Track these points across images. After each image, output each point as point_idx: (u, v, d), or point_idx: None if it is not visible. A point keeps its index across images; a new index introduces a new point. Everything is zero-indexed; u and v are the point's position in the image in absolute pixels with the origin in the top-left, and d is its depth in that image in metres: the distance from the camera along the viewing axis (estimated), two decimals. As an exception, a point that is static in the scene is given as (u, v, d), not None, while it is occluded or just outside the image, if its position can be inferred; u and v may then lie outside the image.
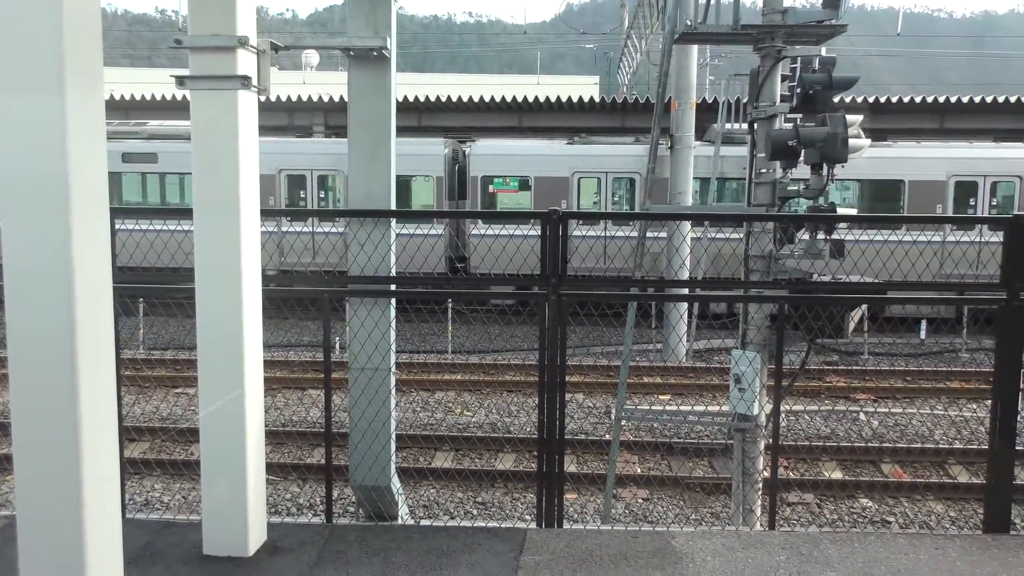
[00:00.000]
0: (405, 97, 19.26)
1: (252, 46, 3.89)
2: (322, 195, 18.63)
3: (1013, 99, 19.48)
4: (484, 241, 16.39)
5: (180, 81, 3.92)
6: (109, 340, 2.96)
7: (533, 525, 4.71)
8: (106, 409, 2.96)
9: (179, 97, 20.31)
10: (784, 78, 6.93)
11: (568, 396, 5.05)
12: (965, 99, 19.58)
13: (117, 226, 4.29)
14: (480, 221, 17.60)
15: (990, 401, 4.65)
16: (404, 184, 18.26)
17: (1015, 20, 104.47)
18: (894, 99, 19.52)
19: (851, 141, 6.62)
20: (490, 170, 18.04)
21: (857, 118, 15.45)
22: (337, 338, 12.86)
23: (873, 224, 14.11)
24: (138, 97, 20.94)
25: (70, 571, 2.87)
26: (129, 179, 18.75)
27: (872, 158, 16.70)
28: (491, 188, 18.12)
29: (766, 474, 6.94)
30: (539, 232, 4.39)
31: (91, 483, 2.87)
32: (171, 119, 19.98)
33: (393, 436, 5.18)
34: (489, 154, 18.14)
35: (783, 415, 9.51)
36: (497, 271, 14.30)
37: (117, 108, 20.70)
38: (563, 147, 18.26)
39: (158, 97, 20.85)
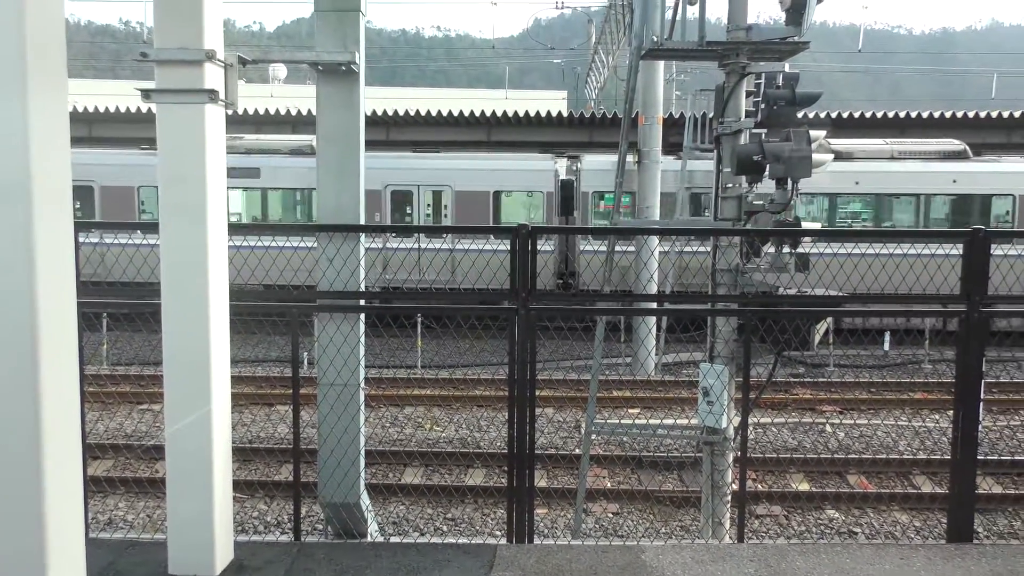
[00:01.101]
0: (374, 111, 19.23)
1: (219, 60, 3.86)
2: (428, 212, 18.57)
3: (972, 114, 19.93)
4: (597, 257, 16.41)
5: (146, 94, 3.88)
6: (73, 355, 2.91)
7: (503, 541, 4.69)
8: (69, 426, 2.91)
9: (144, 110, 20.12)
10: (749, 94, 7.03)
11: (538, 411, 5.05)
12: (925, 114, 19.99)
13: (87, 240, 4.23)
14: (591, 236, 17.59)
15: (952, 411, 4.73)
16: (515, 199, 18.43)
17: (972, 37, 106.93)
18: (856, 114, 19.88)
19: (815, 156, 6.71)
20: (600, 185, 18.07)
21: (820, 133, 15.70)
22: (305, 353, 12.75)
23: (838, 238, 14.29)
24: (102, 109, 20.68)
25: (32, 592, 2.81)
26: (230, 195, 18.62)
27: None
28: (602, 204, 18.20)
29: (735, 487, 6.98)
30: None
31: (54, 501, 2.81)
32: (135, 132, 19.77)
33: (362, 452, 5.15)
34: (600, 169, 18.16)
35: (751, 428, 9.59)
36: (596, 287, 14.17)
37: (80, 120, 20.43)
38: (675, 162, 18.40)
39: (123, 109, 20.62)
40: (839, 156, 17.74)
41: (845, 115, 19.73)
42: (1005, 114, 20.09)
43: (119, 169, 18.20)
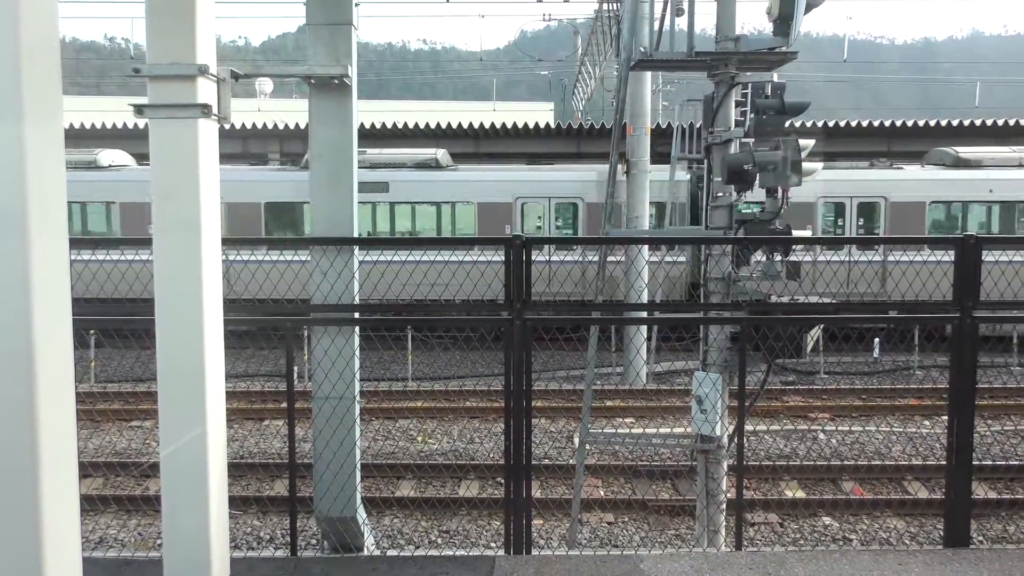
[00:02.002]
0: (361, 124, 19.26)
1: (212, 74, 3.86)
2: (558, 223, 18.56)
3: (955, 123, 20.13)
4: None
5: (139, 110, 3.87)
6: (69, 376, 2.88)
7: (501, 552, 4.68)
8: (65, 446, 2.88)
9: (131, 125, 20.09)
10: (737, 104, 7.07)
11: (532, 421, 5.04)
12: (910, 123, 20.18)
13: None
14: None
15: (944, 417, 4.75)
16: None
17: (954, 46, 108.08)
18: (842, 123, 20.05)
19: (804, 165, 6.75)
20: None
21: (809, 142, 15.77)
22: (296, 367, 12.70)
23: (830, 245, 14.40)
24: (88, 126, 20.63)
25: (29, 613, 2.77)
26: (359, 209, 18.53)
27: None
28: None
29: (730, 495, 6.99)
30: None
31: (51, 521, 2.78)
32: (121, 147, 19.73)
33: (358, 465, 5.12)
34: None
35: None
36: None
37: (67, 136, 20.34)
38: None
39: (108, 125, 20.57)
40: (968, 164, 17.77)
41: (831, 124, 19.89)
42: (989, 122, 20.29)
43: (247, 185, 18.22)
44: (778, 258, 6.52)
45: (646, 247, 14.75)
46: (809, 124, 19.18)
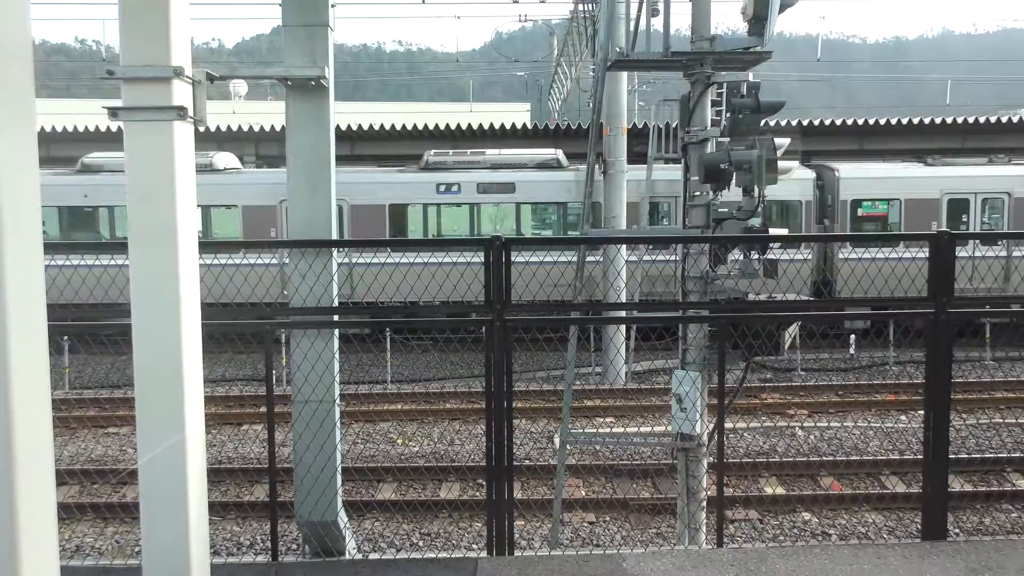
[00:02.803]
0: (337, 126, 19.16)
1: (188, 76, 3.82)
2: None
3: (927, 120, 20.37)
4: (860, 264, 16.41)
5: (113, 113, 3.82)
6: (44, 383, 2.84)
7: (484, 554, 4.67)
8: (42, 452, 2.84)
9: (103, 128, 19.86)
10: (713, 103, 7.11)
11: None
12: (883, 121, 20.40)
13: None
14: (848, 244, 17.40)
15: (919, 412, 4.80)
16: (774, 207, 18.31)
17: (924, 45, 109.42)
18: (816, 122, 20.24)
19: (780, 163, 6.80)
20: (859, 193, 18.16)
21: (785, 141, 15.90)
22: (273, 371, 12.61)
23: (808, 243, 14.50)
24: (59, 129, 20.38)
25: (6, 624, 2.74)
26: (485, 210, 18.52)
27: None
28: (860, 211, 18.25)
29: (711, 492, 7.02)
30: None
31: (27, 530, 2.74)
32: (94, 150, 19.52)
33: (339, 469, 5.10)
34: (858, 177, 18.24)
35: (723, 433, 9.65)
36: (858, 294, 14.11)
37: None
38: (932, 169, 18.25)
39: (80, 128, 20.33)
40: None
41: (805, 123, 20.06)
42: (960, 120, 20.55)
43: (370, 187, 18.16)
44: (755, 256, 6.57)
45: (624, 247, 14.79)
46: (784, 123, 19.34)
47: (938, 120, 20.49)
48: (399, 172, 18.94)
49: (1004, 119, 20.87)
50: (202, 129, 3.96)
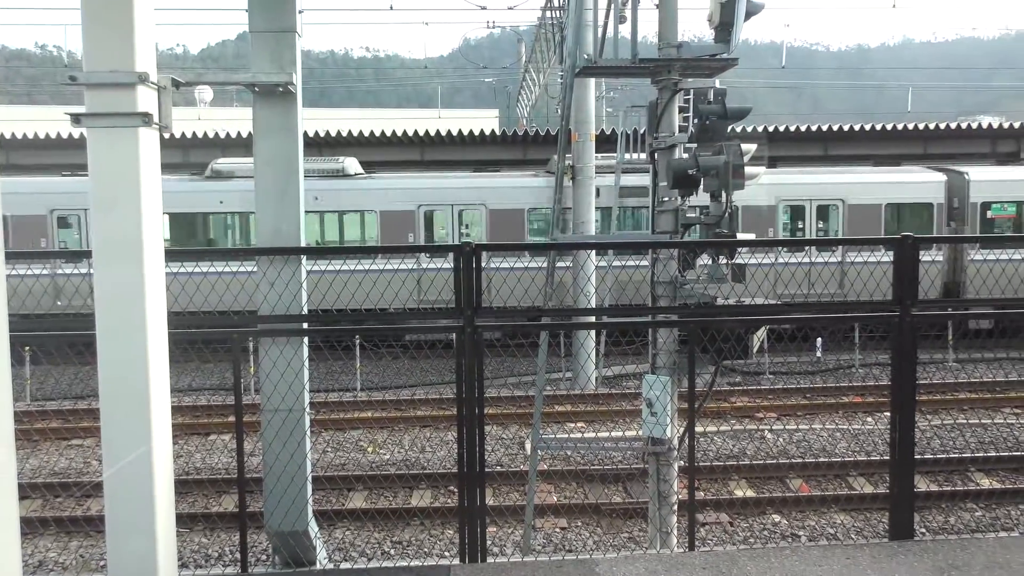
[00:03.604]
0: (305, 132, 19.03)
1: (153, 82, 3.77)
2: (821, 225, 18.51)
3: (890, 127, 20.73)
4: (986, 266, 16.48)
5: (76, 119, 3.76)
6: (5, 392, 2.78)
7: (456, 561, 4.65)
8: (4, 465, 2.78)
9: (64, 135, 19.57)
10: (681, 110, 7.17)
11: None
12: (846, 127, 20.72)
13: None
14: (979, 245, 17.44)
15: (885, 414, 4.87)
16: (901, 210, 18.46)
17: (886, 52, 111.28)
18: (782, 128, 20.50)
19: (747, 169, 6.87)
20: (989, 196, 18.26)
21: (751, 146, 16.10)
22: (241, 380, 12.48)
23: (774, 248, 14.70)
24: (19, 135, 20.03)
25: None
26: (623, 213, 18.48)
27: None
28: (989, 213, 18.32)
29: (682, 496, 7.06)
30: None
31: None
32: (54, 159, 19.23)
33: (309, 478, 5.05)
34: (988, 180, 18.36)
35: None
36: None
37: (-3, 148, 19.76)
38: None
39: (41, 135, 20.00)
40: None
41: (771, 128, 20.32)
42: (921, 126, 20.93)
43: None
44: (723, 261, 6.62)
45: (594, 252, 14.83)
46: (750, 129, 19.55)
47: (899, 126, 20.87)
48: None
49: (964, 125, 21.31)
50: (167, 135, 3.91)
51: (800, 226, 18.51)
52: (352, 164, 18.65)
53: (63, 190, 17.52)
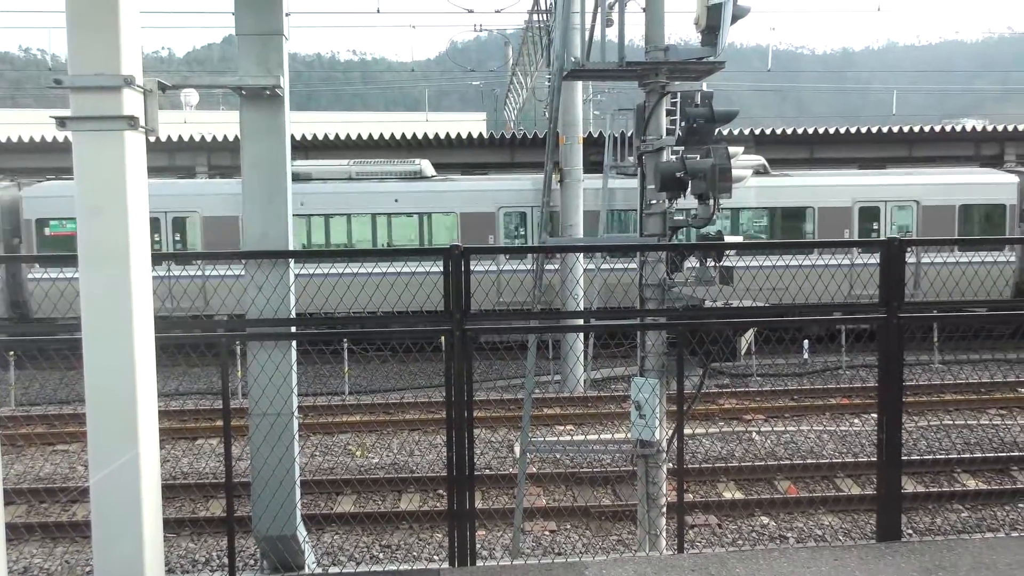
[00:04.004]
0: (292, 136, 18.97)
1: (139, 85, 3.75)
2: (895, 226, 18.58)
3: (875, 129, 20.86)
4: None
5: (61, 122, 3.73)
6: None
7: (445, 565, 4.64)
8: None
9: (49, 139, 19.44)
10: (668, 112, 7.18)
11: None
12: (832, 130, 20.84)
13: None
14: None
15: (872, 415, 4.89)
16: (973, 210, 18.51)
17: (871, 56, 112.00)
18: (768, 131, 20.60)
19: (734, 172, 6.88)
20: None
21: (738, 149, 16.16)
22: (228, 384, 12.43)
23: (761, 250, 14.77)
24: (3, 140, 19.89)
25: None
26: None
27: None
28: None
29: (671, 498, 7.07)
30: None
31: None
32: (40, 162, 19.10)
33: (298, 483, 5.03)
34: None
35: (682, 439, 9.74)
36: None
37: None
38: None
39: (26, 139, 19.86)
40: None
41: (757, 132, 20.41)
42: (906, 129, 21.07)
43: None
44: (711, 263, 6.63)
45: (582, 255, 14.86)
46: (737, 132, 19.63)
47: (885, 129, 21.01)
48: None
49: (948, 128, 21.47)
50: (153, 139, 3.89)
51: (875, 227, 18.60)
52: (428, 166, 18.78)
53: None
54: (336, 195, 17.82)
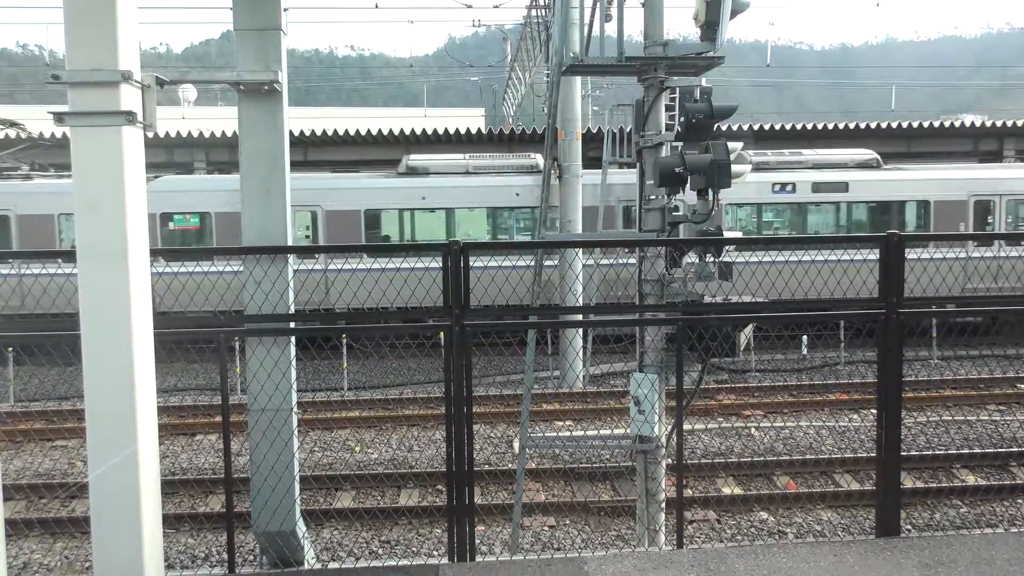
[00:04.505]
0: (290, 131, 18.93)
1: (136, 80, 3.74)
2: (1009, 219, 18.52)
3: (873, 125, 20.85)
4: None
5: (59, 118, 3.72)
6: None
7: (445, 560, 4.64)
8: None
9: (48, 135, 19.39)
10: (667, 108, 7.18)
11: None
12: (831, 126, 20.83)
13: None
14: None
15: (871, 411, 4.89)
16: None
17: (869, 52, 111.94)
18: (767, 127, 20.59)
19: (734, 167, 6.88)
20: None
21: (737, 145, 16.13)
22: (227, 380, 12.42)
23: (760, 246, 14.76)
24: (1, 136, 19.86)
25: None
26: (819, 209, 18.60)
27: None
28: None
29: (670, 493, 7.07)
30: None
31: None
32: (39, 158, 19.05)
33: (297, 478, 5.03)
34: None
35: (681, 434, 9.74)
36: None
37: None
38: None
39: (23, 135, 19.81)
40: None
41: (756, 127, 20.40)
42: (905, 124, 21.06)
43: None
44: (710, 259, 6.63)
45: (581, 250, 14.85)
46: (736, 127, 19.61)
47: (884, 125, 21.00)
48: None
49: (946, 123, 21.46)
50: (151, 134, 3.87)
51: (989, 220, 18.58)
52: (540, 159, 18.75)
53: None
54: (456, 189, 17.95)
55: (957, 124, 21.42)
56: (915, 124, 21.03)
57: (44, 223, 17.36)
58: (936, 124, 21.27)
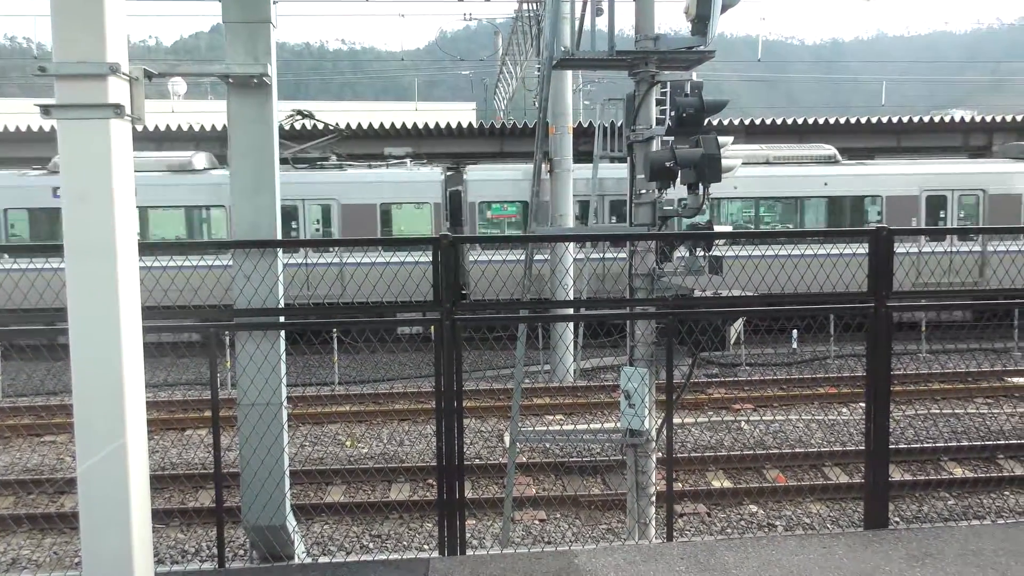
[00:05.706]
0: (281, 125, 18.85)
1: (124, 73, 3.71)
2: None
3: (864, 120, 20.91)
4: None
5: (46, 110, 3.69)
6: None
7: (435, 554, 4.65)
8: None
9: (35, 128, 19.29)
10: (658, 102, 7.18)
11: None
12: (821, 120, 20.87)
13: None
14: None
15: (860, 404, 4.92)
16: None
17: (860, 46, 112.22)
18: (758, 121, 20.62)
19: (724, 162, 6.89)
20: None
21: (728, 139, 16.14)
22: (217, 374, 12.39)
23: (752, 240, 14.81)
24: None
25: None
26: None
27: None
28: None
29: (660, 487, 7.09)
30: None
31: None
32: (27, 152, 18.92)
33: (287, 472, 5.02)
34: None
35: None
36: None
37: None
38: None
39: (11, 129, 19.70)
40: None
41: (747, 122, 20.42)
42: (895, 119, 21.13)
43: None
44: (701, 253, 6.64)
45: (572, 244, 14.84)
46: (727, 122, 19.63)
47: (875, 120, 21.06)
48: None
49: (937, 119, 21.55)
50: (139, 128, 3.85)
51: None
52: (835, 151, 19.01)
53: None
54: (765, 179, 18.01)
55: (947, 119, 21.49)
56: (905, 119, 21.09)
57: (367, 212, 17.72)
58: (926, 119, 21.34)
